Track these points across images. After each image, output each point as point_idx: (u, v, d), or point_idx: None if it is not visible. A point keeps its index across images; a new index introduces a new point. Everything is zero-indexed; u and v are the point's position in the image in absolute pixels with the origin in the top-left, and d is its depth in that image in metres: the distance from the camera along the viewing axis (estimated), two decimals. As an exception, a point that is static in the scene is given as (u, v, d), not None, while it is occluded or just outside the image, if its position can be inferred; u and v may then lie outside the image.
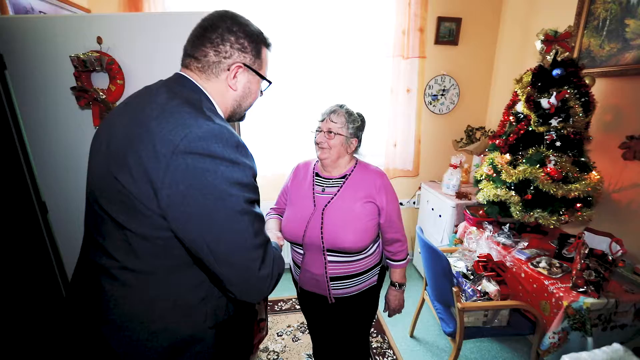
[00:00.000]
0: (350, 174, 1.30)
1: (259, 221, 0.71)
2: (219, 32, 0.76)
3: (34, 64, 1.53)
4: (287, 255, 2.06)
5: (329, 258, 1.24)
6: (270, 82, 0.89)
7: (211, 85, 0.78)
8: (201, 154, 0.63)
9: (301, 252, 1.29)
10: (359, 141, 1.31)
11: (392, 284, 1.41)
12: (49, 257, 1.89)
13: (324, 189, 1.30)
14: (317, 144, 1.27)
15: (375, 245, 1.33)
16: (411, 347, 2.13)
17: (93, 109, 1.51)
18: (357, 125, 1.27)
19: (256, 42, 0.81)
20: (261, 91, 0.89)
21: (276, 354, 2.07)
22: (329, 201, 1.26)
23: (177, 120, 0.66)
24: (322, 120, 1.27)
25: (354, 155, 1.35)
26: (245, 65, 0.79)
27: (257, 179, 0.75)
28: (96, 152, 0.76)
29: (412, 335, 2.21)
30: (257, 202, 0.74)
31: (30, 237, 1.77)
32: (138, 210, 0.66)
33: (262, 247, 0.71)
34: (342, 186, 1.28)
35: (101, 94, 1.48)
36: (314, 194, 1.30)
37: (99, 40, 1.52)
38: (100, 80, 1.60)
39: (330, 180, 1.31)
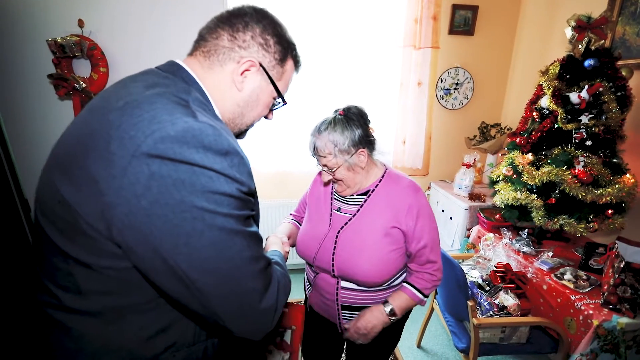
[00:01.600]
0: (374, 190, 1.05)
1: (256, 242, 0.55)
2: (245, 19, 0.62)
3: (8, 49, 1.39)
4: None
5: (343, 284, 1.06)
6: (285, 102, 0.72)
7: (212, 77, 0.63)
8: (171, 159, 0.46)
9: (313, 272, 1.13)
10: (369, 143, 1.03)
11: (385, 303, 1.04)
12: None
13: (340, 208, 1.09)
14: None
15: (403, 275, 1.12)
16: (418, 358, 1.99)
17: (74, 99, 1.38)
18: (349, 139, 0.96)
19: (284, 47, 0.67)
20: (271, 109, 0.73)
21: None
22: (346, 222, 1.05)
23: (145, 112, 0.49)
24: (315, 157, 1.04)
25: (375, 158, 1.10)
26: (261, 65, 0.64)
27: (253, 193, 0.58)
28: (48, 156, 0.60)
29: (419, 346, 2.07)
30: (253, 217, 0.58)
31: (13, 236, 1.66)
32: (82, 231, 0.49)
33: (263, 273, 0.56)
34: (362, 205, 1.05)
35: (82, 82, 1.35)
36: (331, 210, 1.10)
37: (80, 23, 1.38)
38: (84, 68, 1.46)
39: (350, 197, 1.09)
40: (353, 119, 0.99)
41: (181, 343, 0.60)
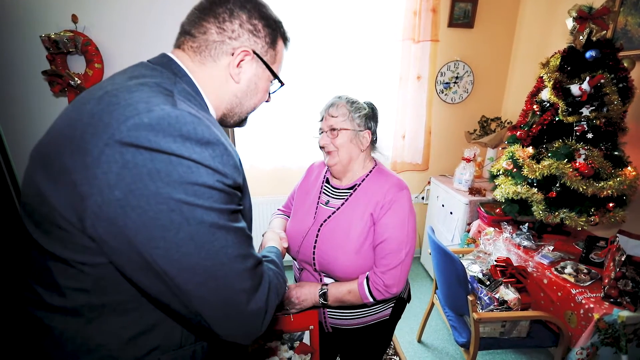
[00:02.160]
0: (360, 184, 1.04)
1: (243, 238, 0.52)
2: (227, 5, 0.59)
3: (2, 45, 1.38)
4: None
5: (326, 280, 1.05)
6: (282, 84, 0.71)
7: (205, 72, 0.60)
8: (146, 148, 0.43)
9: (298, 267, 1.13)
10: (374, 134, 1.07)
11: (324, 285, 1.01)
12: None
13: (329, 200, 1.08)
14: (322, 147, 1.05)
15: None
16: (419, 353, 1.99)
17: (69, 95, 1.36)
18: (364, 113, 1.03)
19: (272, 28, 0.64)
20: (269, 93, 0.71)
21: None
22: (329, 216, 1.04)
23: (122, 100, 0.46)
24: (321, 120, 1.05)
25: (372, 154, 1.11)
26: (254, 53, 0.62)
27: (239, 187, 0.54)
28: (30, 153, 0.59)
29: (419, 341, 2.07)
30: (241, 213, 0.54)
31: (10, 233, 1.65)
32: (57, 224, 0.47)
33: (250, 272, 0.52)
34: (347, 199, 1.04)
35: (76, 79, 1.33)
36: (318, 204, 1.09)
37: (74, 18, 1.36)
38: (79, 64, 1.44)
39: (338, 191, 1.08)
40: (373, 108, 1.10)
41: (166, 346, 0.57)
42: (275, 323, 1.02)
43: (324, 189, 1.12)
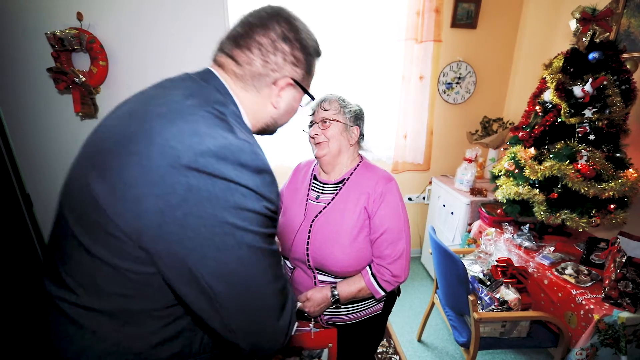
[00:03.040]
0: (349, 178, 1.07)
1: (277, 260, 0.56)
2: (271, 36, 0.61)
3: (7, 42, 1.38)
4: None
5: (320, 277, 1.06)
6: (313, 99, 0.74)
7: (246, 97, 0.64)
8: (209, 174, 0.47)
9: (290, 266, 1.13)
10: (361, 133, 1.11)
11: (332, 287, 1.03)
12: (37, 254, 1.78)
13: (319, 195, 1.10)
14: (312, 138, 1.07)
15: None
16: (418, 352, 2.00)
17: (73, 93, 1.37)
18: (354, 110, 1.07)
19: (311, 55, 0.68)
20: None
21: None
22: (320, 211, 1.05)
23: (187, 124, 0.49)
24: (313, 113, 1.08)
25: (360, 152, 1.14)
26: (294, 80, 0.66)
27: (277, 212, 0.59)
28: (82, 147, 0.60)
29: (419, 340, 2.08)
30: (274, 236, 0.59)
31: (16, 232, 1.66)
32: (109, 233, 0.49)
33: (282, 292, 0.56)
34: (337, 193, 1.06)
35: (81, 76, 1.34)
36: (307, 200, 1.11)
37: (79, 16, 1.37)
38: (84, 62, 1.45)
39: (327, 186, 1.10)
40: (361, 110, 1.12)
41: (186, 352, 0.60)
42: (295, 339, 1.03)
43: (313, 186, 1.13)
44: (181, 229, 0.46)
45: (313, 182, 1.14)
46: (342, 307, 1.08)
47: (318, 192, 1.10)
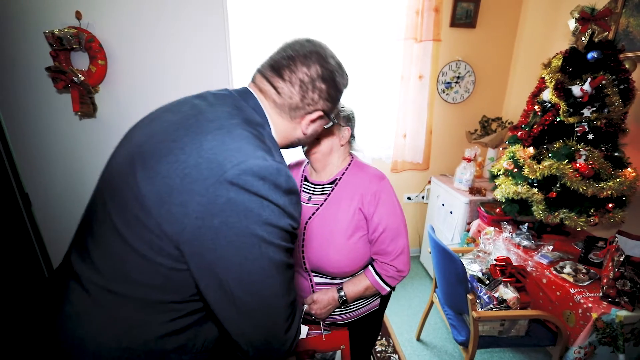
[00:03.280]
0: (341, 178, 1.05)
1: (292, 274, 0.62)
2: (311, 75, 0.68)
3: (6, 41, 1.38)
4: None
5: (316, 280, 1.06)
6: (334, 122, 0.83)
7: (280, 120, 0.71)
8: (248, 190, 0.53)
9: None
10: (352, 134, 1.09)
11: (338, 288, 1.04)
12: (36, 254, 1.78)
13: (311, 197, 1.09)
14: None
15: None
16: (417, 351, 2.00)
17: (72, 92, 1.37)
18: (346, 111, 1.05)
19: (341, 91, 0.76)
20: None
21: None
22: (314, 213, 1.04)
23: (234, 143, 0.56)
24: None
25: (351, 151, 1.13)
26: (324, 112, 0.74)
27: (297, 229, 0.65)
28: (127, 141, 0.65)
29: (418, 339, 2.09)
30: (292, 251, 0.64)
31: (14, 232, 1.66)
32: (149, 229, 0.54)
33: (293, 305, 0.61)
34: (329, 194, 1.04)
35: (80, 75, 1.33)
36: None
37: (78, 15, 1.36)
38: (83, 61, 1.45)
39: (319, 187, 1.09)
40: (352, 113, 1.09)
41: (190, 347, 0.63)
42: (307, 343, 1.03)
43: (304, 187, 1.12)
44: (215, 235, 0.52)
45: (304, 184, 1.13)
46: (339, 307, 1.08)
47: (309, 193, 1.09)
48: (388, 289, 1.04)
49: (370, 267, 1.06)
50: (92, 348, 0.58)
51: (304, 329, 1.04)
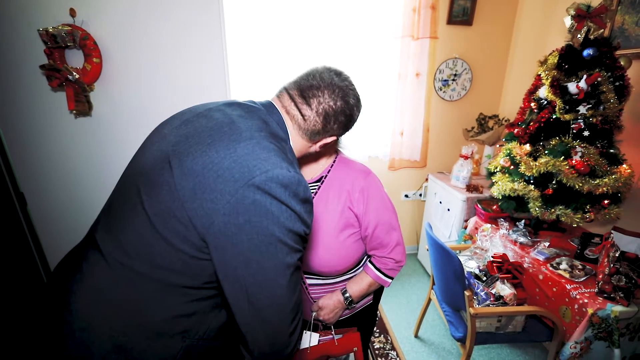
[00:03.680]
0: (327, 175, 1.02)
1: (300, 277, 0.67)
2: (335, 109, 0.77)
3: (-1, 39, 1.37)
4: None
5: (309, 281, 1.06)
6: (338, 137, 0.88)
7: (299, 140, 0.79)
8: (271, 195, 0.59)
9: None
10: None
11: (342, 290, 1.05)
12: (32, 253, 1.77)
13: None
14: None
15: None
16: (415, 348, 2.01)
17: (67, 90, 1.35)
18: None
19: (355, 121, 0.85)
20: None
21: None
22: None
23: (264, 153, 0.62)
24: None
25: (337, 147, 1.09)
26: (337, 136, 0.84)
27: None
28: (159, 138, 0.70)
29: (416, 336, 2.10)
30: (302, 256, 0.68)
31: (9, 232, 1.64)
32: (179, 219, 0.60)
33: (298, 306, 0.66)
34: (316, 192, 1.01)
35: (75, 73, 1.32)
36: None
37: (72, 12, 1.35)
38: (77, 59, 1.43)
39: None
40: None
41: (193, 333, 0.67)
42: (320, 349, 1.04)
43: None
44: (239, 231, 0.58)
45: None
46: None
47: None
48: (390, 281, 1.06)
49: (368, 263, 1.06)
50: (105, 324, 0.62)
51: (315, 337, 1.05)
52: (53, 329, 0.64)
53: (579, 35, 1.53)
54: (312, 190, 1.05)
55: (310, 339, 1.04)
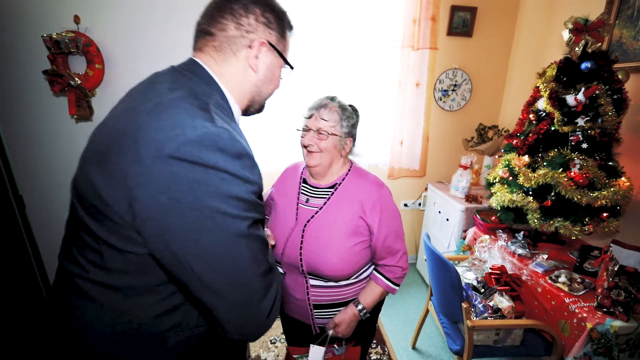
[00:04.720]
0: (341, 183, 1.07)
1: (262, 245, 0.60)
2: (242, 1, 0.65)
3: (3, 44, 1.39)
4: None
5: (312, 282, 1.06)
6: (292, 67, 0.77)
7: (228, 70, 0.66)
8: (190, 161, 0.50)
9: (282, 271, 1.12)
10: (354, 140, 1.10)
11: (356, 303, 1.08)
12: (28, 256, 1.76)
13: (308, 199, 1.09)
14: (304, 147, 1.05)
15: (371, 268, 1.14)
16: (412, 359, 1.99)
17: (69, 95, 1.37)
18: (352, 122, 1.06)
19: (281, 19, 0.71)
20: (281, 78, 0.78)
21: (268, 364, 1.94)
22: (313, 216, 1.05)
23: (170, 117, 0.53)
24: (309, 117, 1.04)
25: (349, 156, 1.13)
26: (269, 43, 0.68)
27: (261, 196, 0.63)
28: (86, 145, 0.65)
29: (414, 347, 2.07)
30: (261, 222, 0.62)
31: (7, 234, 1.64)
32: (111, 219, 0.55)
33: (265, 276, 0.59)
34: (329, 198, 1.05)
35: (77, 79, 1.34)
36: (297, 204, 1.10)
37: (76, 19, 1.37)
38: (80, 64, 1.45)
39: (318, 190, 1.09)
40: (358, 115, 1.12)
41: (185, 324, 0.66)
42: None
43: (302, 189, 1.12)
44: (166, 212, 0.50)
45: (302, 185, 1.13)
46: (334, 309, 1.09)
47: (308, 195, 1.10)
48: (397, 288, 1.09)
49: (376, 273, 1.09)
50: (89, 334, 0.61)
51: (321, 351, 1.06)
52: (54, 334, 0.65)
53: (577, 49, 1.54)
54: (325, 196, 1.07)
55: (317, 354, 1.05)
